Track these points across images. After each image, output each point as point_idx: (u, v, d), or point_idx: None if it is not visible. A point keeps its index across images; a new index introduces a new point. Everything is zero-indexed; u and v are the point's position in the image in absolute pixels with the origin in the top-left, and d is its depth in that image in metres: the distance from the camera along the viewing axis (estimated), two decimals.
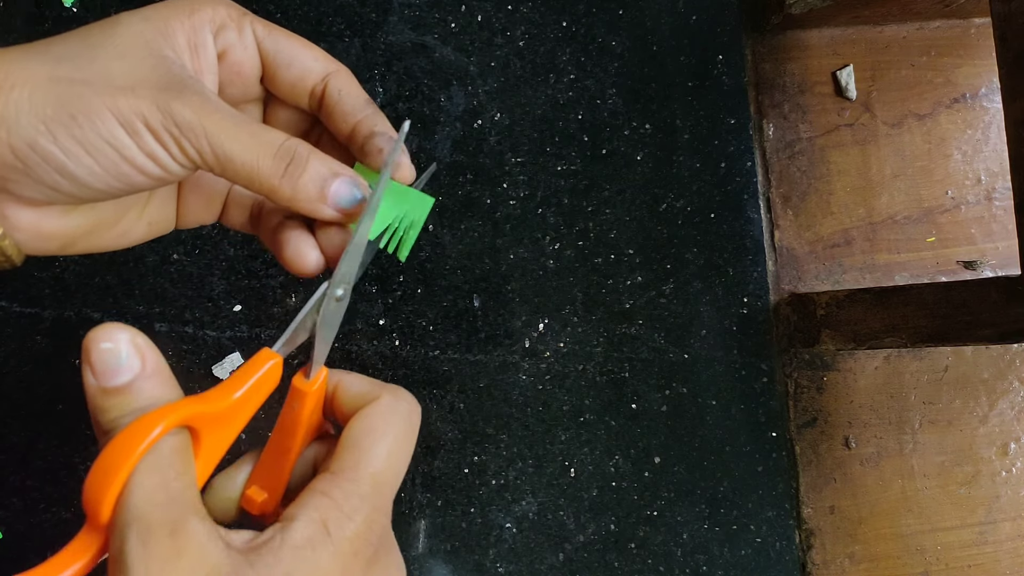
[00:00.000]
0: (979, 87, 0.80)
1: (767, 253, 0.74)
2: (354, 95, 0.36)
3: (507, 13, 0.71)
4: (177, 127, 0.30)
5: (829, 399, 0.75)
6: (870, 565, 0.74)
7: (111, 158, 0.30)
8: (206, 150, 0.31)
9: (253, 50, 0.35)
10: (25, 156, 0.29)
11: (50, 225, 0.32)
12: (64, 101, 0.29)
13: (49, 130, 0.29)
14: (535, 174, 0.71)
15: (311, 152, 0.32)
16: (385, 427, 0.32)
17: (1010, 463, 0.77)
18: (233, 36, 0.35)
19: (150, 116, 0.30)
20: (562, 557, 0.68)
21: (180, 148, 0.30)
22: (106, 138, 0.30)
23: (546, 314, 0.70)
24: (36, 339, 0.63)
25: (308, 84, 0.36)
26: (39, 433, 0.63)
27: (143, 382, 0.28)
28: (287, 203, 0.32)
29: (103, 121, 0.29)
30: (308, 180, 0.32)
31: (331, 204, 0.33)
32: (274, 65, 0.36)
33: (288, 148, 0.32)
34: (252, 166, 0.31)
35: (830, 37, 0.78)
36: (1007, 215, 0.78)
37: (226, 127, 0.31)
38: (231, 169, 0.31)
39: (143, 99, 0.30)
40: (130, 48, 0.31)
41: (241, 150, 0.31)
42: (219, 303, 0.65)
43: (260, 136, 0.32)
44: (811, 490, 0.73)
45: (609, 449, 0.69)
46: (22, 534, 0.62)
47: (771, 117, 0.76)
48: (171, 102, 0.30)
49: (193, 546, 0.26)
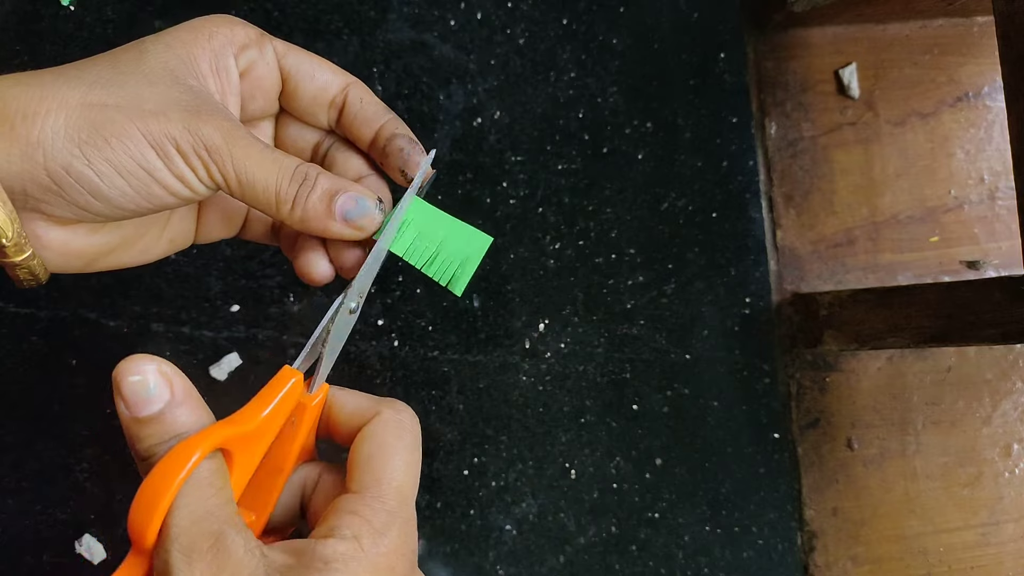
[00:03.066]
0: (982, 86, 0.79)
1: (769, 253, 0.74)
2: (374, 103, 0.38)
3: (507, 11, 0.71)
4: (206, 150, 0.32)
5: (832, 400, 0.74)
6: (873, 567, 0.73)
7: (142, 180, 0.31)
8: (230, 174, 0.32)
9: (274, 67, 0.37)
10: (60, 179, 0.30)
11: (78, 243, 0.34)
12: (98, 125, 0.30)
13: (84, 154, 0.30)
14: (535, 173, 0.70)
15: (320, 173, 0.34)
16: (396, 441, 0.33)
17: (1013, 464, 0.76)
18: (255, 53, 0.36)
19: (181, 139, 0.31)
20: (563, 559, 0.67)
21: (207, 171, 0.32)
22: (138, 160, 0.31)
23: (546, 314, 0.69)
24: (31, 339, 0.63)
25: (329, 95, 0.38)
26: (34, 434, 0.62)
27: (174, 409, 0.29)
28: (300, 225, 0.34)
29: (135, 144, 0.31)
30: (315, 198, 0.33)
31: (338, 217, 0.34)
32: (296, 79, 0.37)
33: (301, 172, 0.33)
34: (272, 191, 0.33)
35: (833, 35, 0.77)
36: (1010, 215, 0.78)
37: (251, 153, 0.32)
38: (250, 193, 0.33)
39: (173, 123, 0.31)
40: (158, 76, 0.33)
41: (263, 175, 0.32)
42: (216, 303, 0.65)
43: (279, 162, 0.33)
44: (813, 492, 0.73)
45: (610, 450, 0.69)
46: (17, 536, 0.61)
47: (773, 116, 0.76)
48: (201, 126, 0.31)
49: (233, 558, 0.27)
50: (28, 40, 0.64)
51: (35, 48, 0.64)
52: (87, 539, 0.61)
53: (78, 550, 0.61)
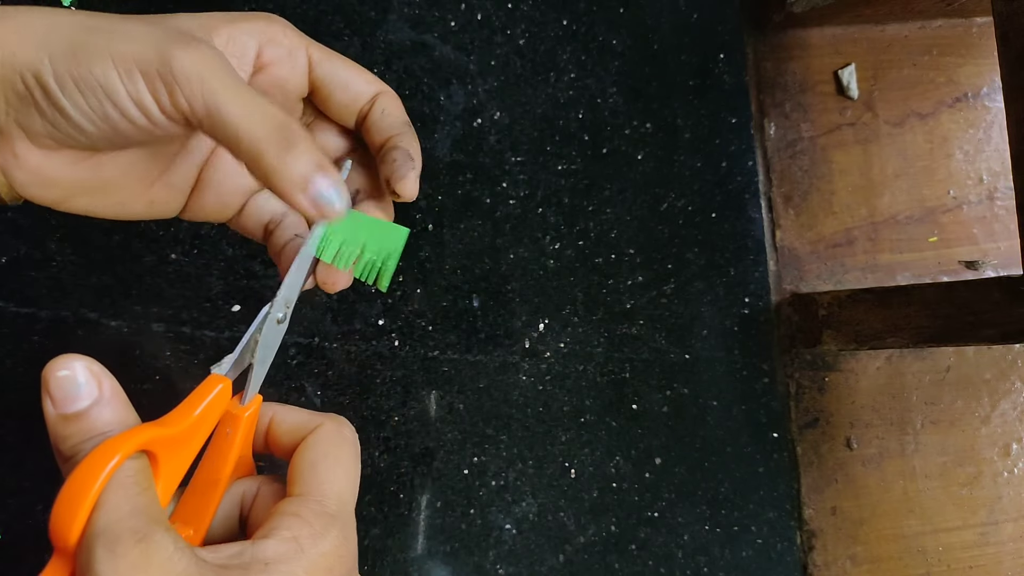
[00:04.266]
0: (981, 86, 0.79)
1: (768, 253, 0.74)
2: (395, 115, 0.37)
3: (507, 11, 0.71)
4: (172, 74, 0.30)
5: (831, 400, 0.74)
6: (872, 566, 0.73)
7: (99, 99, 0.31)
8: (198, 102, 0.30)
9: (302, 70, 0.36)
10: (31, 87, 0.30)
11: (54, 171, 0.33)
12: (74, 42, 0.30)
13: (51, 63, 0.30)
14: (535, 173, 0.70)
15: (305, 135, 0.32)
16: (338, 452, 0.33)
17: (1012, 464, 0.76)
18: (281, 53, 0.36)
19: (146, 62, 0.30)
20: (562, 558, 0.68)
21: (171, 97, 0.30)
22: (98, 78, 0.30)
23: (546, 314, 0.69)
24: (33, 339, 0.63)
25: (359, 105, 0.37)
26: (36, 434, 0.62)
27: (101, 408, 0.28)
28: (269, 176, 0.32)
29: (100, 62, 0.30)
30: (297, 161, 0.31)
31: (310, 194, 0.32)
32: (330, 87, 0.37)
33: (287, 124, 0.32)
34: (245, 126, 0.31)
35: (832, 36, 0.77)
36: (1009, 215, 0.78)
37: (228, 84, 0.31)
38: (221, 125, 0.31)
39: (146, 46, 0.30)
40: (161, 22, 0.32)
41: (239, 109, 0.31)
42: (217, 303, 0.65)
43: (263, 105, 0.31)
44: (812, 491, 0.73)
45: (610, 450, 0.69)
46: (19, 535, 0.61)
47: (772, 116, 0.76)
48: (172, 50, 0.30)
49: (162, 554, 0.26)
50: None
51: None
52: None
53: None
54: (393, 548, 0.65)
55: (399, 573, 0.65)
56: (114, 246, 0.65)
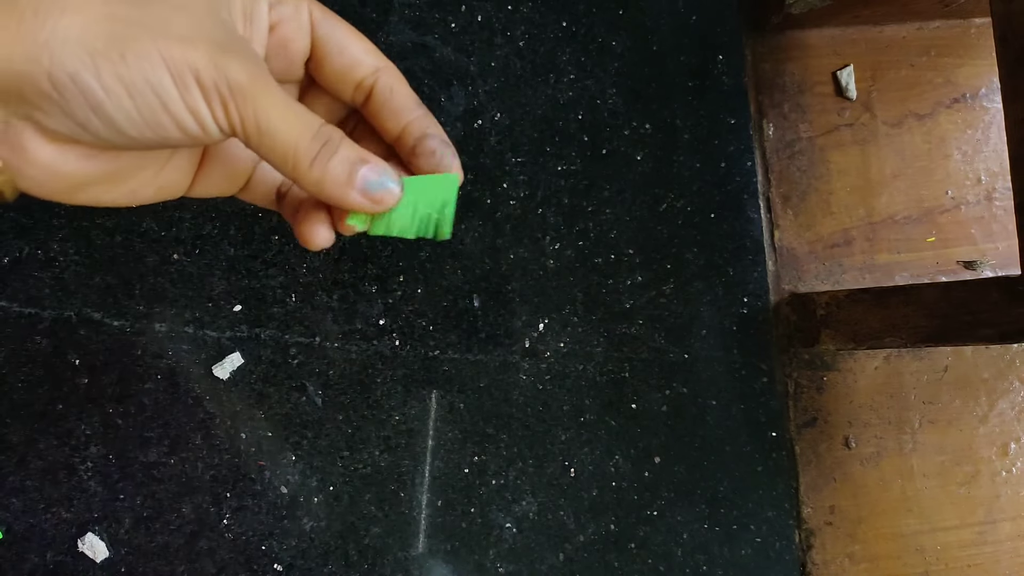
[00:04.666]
0: (979, 87, 0.80)
1: (767, 253, 0.74)
2: (405, 94, 0.36)
3: (507, 13, 0.71)
4: (229, 88, 0.30)
5: (829, 399, 0.75)
6: (870, 565, 0.74)
7: (152, 106, 0.29)
8: (249, 118, 0.30)
9: (306, 30, 0.35)
10: (64, 88, 0.28)
11: (67, 167, 0.31)
12: (117, 38, 0.28)
13: (95, 64, 0.28)
14: (535, 174, 0.71)
15: (343, 138, 0.32)
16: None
17: (1010, 463, 0.77)
18: (288, 11, 0.34)
19: (204, 71, 0.29)
20: (562, 557, 0.68)
21: (225, 110, 0.30)
22: (152, 84, 0.29)
23: (546, 314, 0.70)
24: (36, 339, 0.63)
25: (357, 75, 0.36)
26: (39, 433, 0.63)
27: None
28: (314, 186, 0.32)
29: (153, 66, 0.28)
30: (337, 163, 0.32)
31: (358, 186, 0.32)
32: (325, 50, 0.35)
33: (325, 132, 0.32)
34: (292, 144, 0.31)
35: (830, 37, 0.78)
36: (1007, 215, 0.78)
37: (275, 101, 0.30)
38: (267, 143, 0.31)
39: (200, 52, 0.29)
40: (192, 2, 0.31)
41: (285, 127, 0.31)
42: (219, 303, 0.65)
43: (303, 116, 0.31)
44: (811, 490, 0.73)
45: (609, 449, 0.69)
46: (22, 535, 0.62)
47: (771, 117, 0.76)
48: (229, 62, 0.30)
49: None
50: None
51: None
52: (90, 537, 0.62)
53: (81, 548, 0.62)
54: (394, 547, 0.66)
55: (400, 572, 0.65)
56: (117, 246, 0.65)
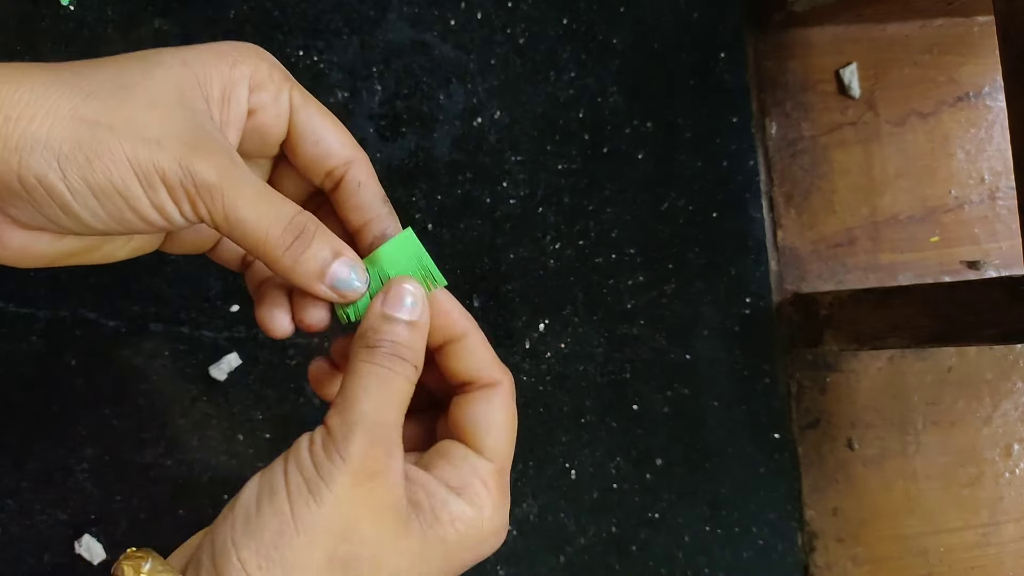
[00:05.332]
0: (982, 85, 0.79)
1: (770, 253, 0.74)
2: (371, 191, 0.37)
3: (507, 10, 0.71)
4: (195, 186, 0.30)
5: (832, 400, 0.74)
6: (873, 567, 0.73)
7: (117, 205, 0.30)
8: (218, 212, 0.31)
9: (284, 117, 0.36)
10: (31, 188, 0.29)
11: (39, 248, 0.33)
12: (83, 142, 0.29)
13: (60, 167, 0.29)
14: (535, 173, 0.70)
15: (318, 228, 0.33)
16: (514, 423, 0.36)
17: (1014, 464, 0.76)
18: (267, 98, 0.35)
19: (169, 171, 0.30)
20: (563, 560, 0.67)
21: (193, 206, 0.31)
22: (117, 186, 0.30)
23: (546, 314, 0.69)
24: (31, 339, 0.63)
25: (328, 165, 0.36)
26: (34, 434, 0.62)
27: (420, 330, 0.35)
28: (285, 274, 0.33)
29: (118, 169, 0.29)
30: (311, 256, 0.33)
31: (328, 283, 0.34)
32: (300, 137, 0.36)
33: (299, 223, 0.32)
34: (261, 235, 0.32)
35: (832, 35, 0.77)
36: (1011, 215, 0.78)
37: (245, 193, 0.31)
38: (239, 233, 0.32)
39: (165, 152, 0.30)
40: (163, 96, 0.31)
41: (255, 218, 0.31)
42: (216, 303, 0.65)
43: (276, 205, 0.32)
44: (814, 492, 0.73)
45: (610, 451, 0.69)
46: (17, 536, 0.61)
47: (773, 115, 0.76)
48: (196, 162, 0.30)
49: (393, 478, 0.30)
50: (28, 40, 0.64)
51: (35, 48, 0.64)
52: (87, 539, 0.61)
53: (78, 550, 0.61)
54: None
55: None
56: None
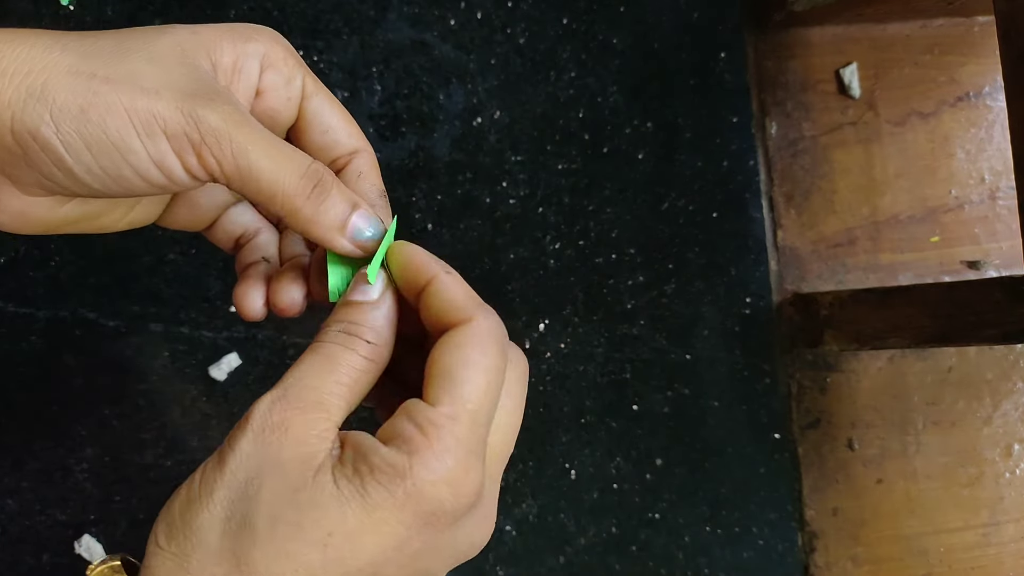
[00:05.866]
0: (983, 85, 0.79)
1: (770, 252, 0.74)
2: (370, 182, 0.36)
3: (507, 10, 0.71)
4: (200, 135, 0.29)
5: (832, 400, 0.74)
6: (873, 567, 0.73)
7: (113, 160, 0.29)
8: (228, 161, 0.30)
9: (295, 101, 0.35)
10: (26, 144, 0.28)
11: (37, 213, 0.32)
12: (77, 94, 0.28)
13: (53, 120, 0.28)
14: (535, 173, 0.70)
15: (335, 180, 0.32)
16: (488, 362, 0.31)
17: (1014, 464, 0.76)
18: (279, 80, 0.34)
19: (170, 119, 0.29)
20: (563, 560, 0.67)
21: (199, 157, 0.29)
22: (112, 138, 0.29)
23: (547, 314, 0.69)
24: (31, 339, 0.63)
25: (333, 154, 0.36)
26: (34, 434, 0.62)
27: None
28: (305, 225, 0.32)
29: (114, 119, 0.28)
30: (331, 206, 0.32)
31: (348, 235, 0.33)
32: (309, 125, 0.35)
33: (316, 170, 0.31)
34: (278, 182, 0.30)
35: (833, 35, 0.77)
36: (1011, 215, 0.78)
37: (255, 138, 0.30)
38: (253, 183, 0.30)
39: (166, 101, 0.29)
40: (165, 54, 0.30)
41: (269, 164, 0.30)
42: (215, 303, 0.65)
43: (289, 154, 0.31)
44: (814, 492, 0.73)
45: (610, 451, 0.69)
46: (17, 536, 0.61)
47: (774, 115, 0.76)
48: (198, 108, 0.29)
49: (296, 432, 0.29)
50: None
51: None
52: (86, 539, 0.61)
53: (77, 550, 0.61)
54: None
55: None
56: (112, 246, 0.65)
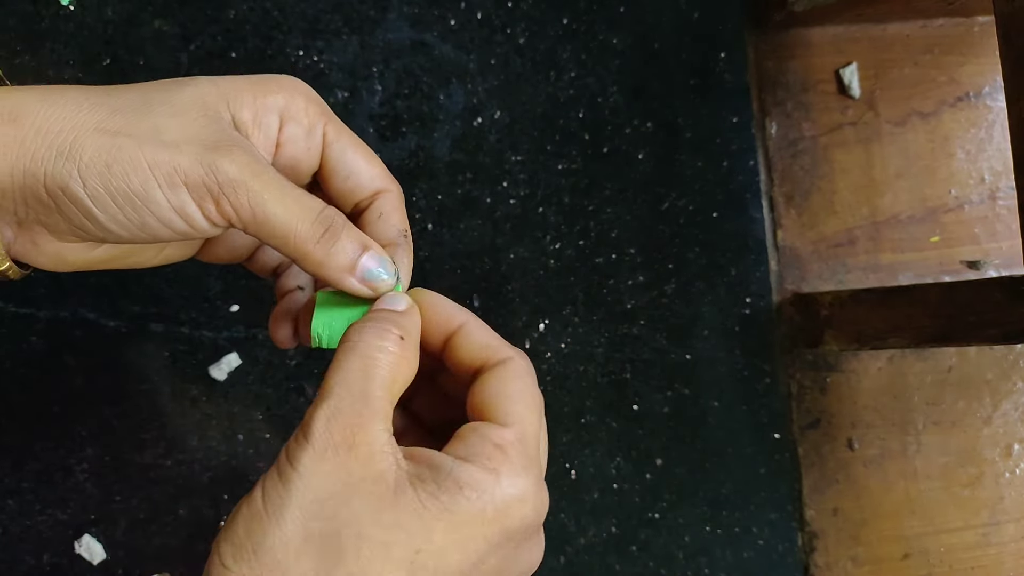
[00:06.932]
0: (983, 86, 0.79)
1: (770, 252, 0.74)
2: (392, 223, 0.37)
3: (507, 10, 0.71)
4: (219, 185, 0.31)
5: (832, 400, 0.74)
6: (873, 567, 0.73)
7: (138, 210, 0.31)
8: (244, 208, 0.31)
9: (316, 151, 0.36)
10: (58, 198, 0.30)
11: (72, 256, 0.34)
12: (104, 149, 0.30)
13: (80, 176, 0.30)
14: (535, 173, 0.70)
15: (346, 223, 0.34)
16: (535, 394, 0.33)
17: (1014, 464, 0.76)
18: (300, 132, 0.35)
19: (190, 172, 0.30)
20: (563, 560, 0.67)
21: (217, 206, 0.31)
22: (136, 191, 0.30)
23: (547, 314, 0.69)
24: (31, 339, 0.63)
25: (356, 198, 0.37)
26: (34, 435, 0.62)
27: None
28: (316, 268, 0.33)
29: (137, 173, 0.30)
30: (340, 249, 0.33)
31: (358, 276, 0.34)
32: (331, 172, 0.37)
33: (327, 216, 0.33)
34: (290, 229, 0.32)
35: (833, 35, 0.77)
36: (1011, 215, 0.78)
37: (270, 187, 0.31)
38: (267, 230, 0.32)
39: (186, 154, 0.30)
40: (187, 108, 0.32)
41: (283, 212, 0.32)
42: (216, 303, 0.65)
43: (302, 200, 0.32)
44: (814, 492, 0.73)
45: (610, 451, 0.69)
46: (17, 536, 0.61)
47: (774, 115, 0.76)
48: (217, 159, 0.31)
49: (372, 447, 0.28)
50: (28, 40, 0.64)
51: (35, 48, 0.64)
52: (87, 539, 0.61)
53: (78, 550, 0.61)
54: None
55: None
56: None
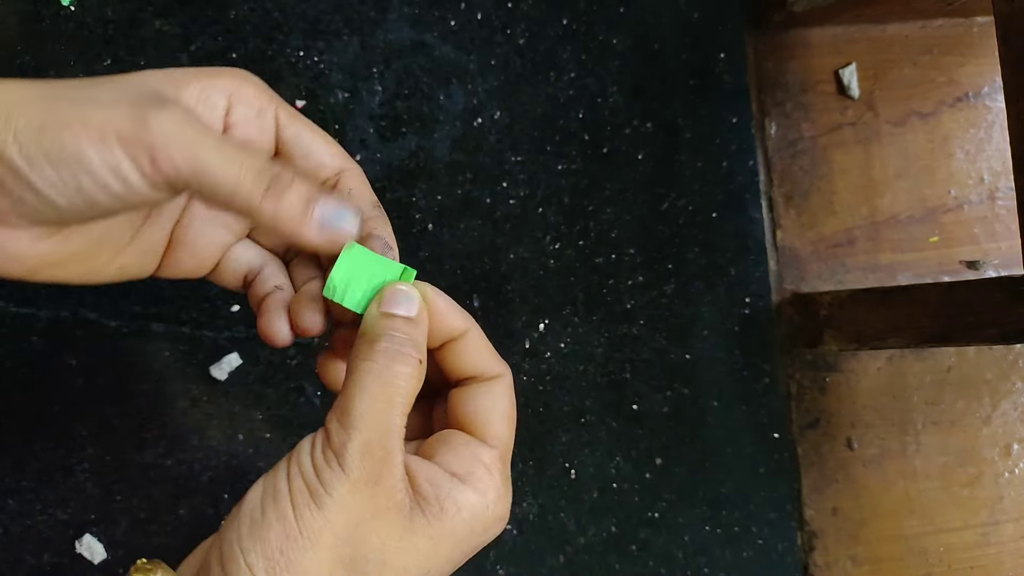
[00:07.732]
0: (982, 86, 0.79)
1: (769, 253, 0.74)
2: (363, 196, 0.36)
3: (507, 11, 0.71)
4: (151, 137, 0.30)
5: (832, 400, 0.74)
6: (873, 567, 0.73)
7: (73, 171, 0.30)
8: (182, 162, 0.30)
9: (269, 131, 0.35)
10: None
11: (19, 248, 0.32)
12: (39, 114, 0.29)
13: (16, 140, 0.29)
14: (535, 173, 0.70)
15: (296, 175, 0.32)
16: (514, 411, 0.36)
17: (1013, 464, 0.76)
18: (249, 113, 0.35)
19: (123, 126, 0.29)
20: (563, 559, 0.67)
21: (152, 161, 0.30)
22: (69, 149, 0.29)
23: (546, 314, 0.69)
24: (32, 339, 0.63)
25: (320, 177, 0.36)
26: (35, 434, 0.62)
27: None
28: (269, 223, 0.32)
29: (70, 132, 0.29)
30: (293, 198, 0.31)
31: (315, 225, 0.32)
32: (290, 153, 0.36)
33: (272, 167, 0.32)
34: (233, 181, 0.31)
35: (832, 35, 0.77)
36: (1010, 215, 0.78)
37: (207, 140, 0.30)
38: (209, 185, 0.31)
39: (119, 110, 0.30)
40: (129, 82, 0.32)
41: (222, 163, 0.30)
42: (216, 303, 0.65)
43: (243, 153, 0.31)
44: (813, 491, 0.73)
45: (610, 450, 0.69)
46: (18, 536, 0.61)
47: (773, 116, 0.76)
48: (150, 113, 0.30)
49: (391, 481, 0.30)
50: (28, 40, 0.64)
51: (35, 48, 0.64)
52: (87, 539, 0.61)
53: (78, 550, 0.61)
54: None
55: None
56: None
